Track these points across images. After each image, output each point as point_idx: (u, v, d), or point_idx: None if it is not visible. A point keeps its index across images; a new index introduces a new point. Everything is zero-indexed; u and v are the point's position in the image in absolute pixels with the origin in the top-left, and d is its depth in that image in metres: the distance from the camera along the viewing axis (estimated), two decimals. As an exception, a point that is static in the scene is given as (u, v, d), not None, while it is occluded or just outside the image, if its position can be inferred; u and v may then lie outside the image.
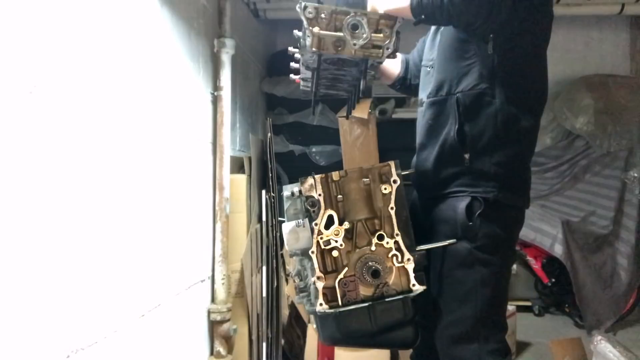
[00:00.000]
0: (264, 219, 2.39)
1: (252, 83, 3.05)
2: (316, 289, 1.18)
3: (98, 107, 1.35)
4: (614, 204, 3.21)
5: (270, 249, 2.37)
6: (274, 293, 2.35)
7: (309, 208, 1.19)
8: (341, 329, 1.23)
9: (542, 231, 3.15)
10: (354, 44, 1.16)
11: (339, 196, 1.21)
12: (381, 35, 1.18)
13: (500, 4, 1.14)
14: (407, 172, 1.25)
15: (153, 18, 1.68)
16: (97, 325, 1.34)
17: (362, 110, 2.94)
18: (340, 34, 1.16)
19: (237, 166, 2.46)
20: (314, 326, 2.04)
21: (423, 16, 1.18)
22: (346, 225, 1.20)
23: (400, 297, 1.20)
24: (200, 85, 2.13)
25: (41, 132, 1.12)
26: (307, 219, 1.20)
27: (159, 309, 1.71)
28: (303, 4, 1.17)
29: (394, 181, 1.22)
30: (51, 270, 1.15)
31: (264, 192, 2.41)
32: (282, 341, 2.48)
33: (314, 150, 3.09)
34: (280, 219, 2.40)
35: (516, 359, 2.79)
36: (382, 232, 1.21)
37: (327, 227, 1.19)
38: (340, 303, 1.18)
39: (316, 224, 1.18)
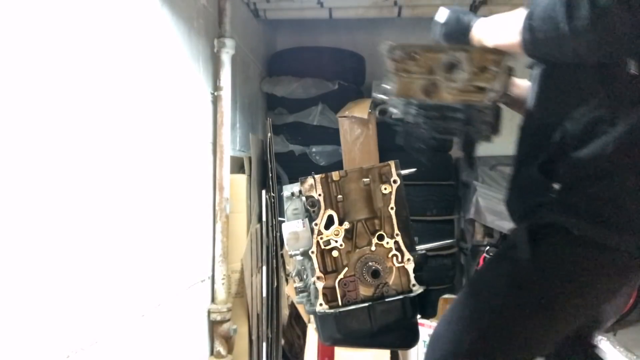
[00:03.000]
0: (264, 219, 2.40)
1: (252, 83, 3.05)
2: (316, 289, 1.18)
3: (98, 108, 1.35)
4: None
5: (270, 249, 2.37)
6: (274, 293, 2.36)
7: (309, 208, 1.19)
8: (341, 329, 1.22)
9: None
10: (450, 87, 0.97)
11: (339, 196, 1.21)
12: (486, 74, 0.96)
13: None
14: (407, 172, 1.25)
15: (153, 18, 1.68)
16: (98, 325, 1.34)
17: (362, 110, 2.94)
18: (433, 76, 0.97)
19: (237, 166, 2.46)
20: (314, 326, 2.03)
21: (537, 54, 0.96)
22: (346, 225, 1.20)
23: (400, 297, 1.20)
24: (200, 85, 2.13)
25: (41, 132, 1.12)
26: (307, 219, 1.20)
27: (159, 309, 1.71)
28: (390, 44, 1.02)
29: (394, 181, 1.22)
30: (52, 270, 1.15)
31: (264, 192, 2.41)
32: (282, 341, 2.48)
33: (314, 150, 3.09)
34: (280, 219, 2.40)
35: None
36: (382, 232, 1.21)
37: (327, 227, 1.19)
38: (340, 303, 1.18)
39: (316, 224, 1.18)
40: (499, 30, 1.01)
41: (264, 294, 2.32)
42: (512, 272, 1.10)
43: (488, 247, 2.62)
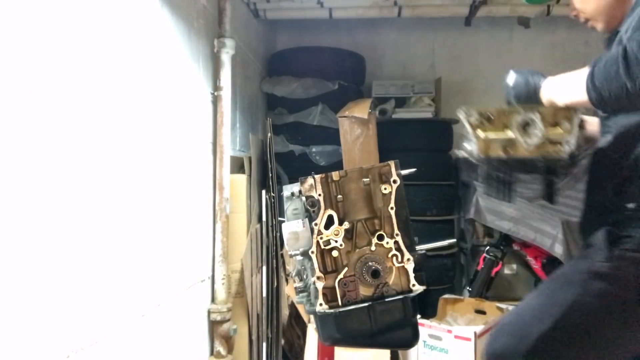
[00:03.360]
0: (264, 219, 2.40)
1: (252, 83, 3.05)
2: (316, 289, 1.18)
3: (98, 108, 1.35)
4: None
5: (270, 249, 2.37)
6: (274, 293, 2.36)
7: (309, 208, 1.19)
8: (341, 329, 1.22)
9: (542, 231, 3.14)
10: (527, 143, 1.05)
11: (339, 196, 1.21)
12: (559, 130, 1.05)
13: None
14: (407, 172, 1.25)
15: (153, 18, 1.68)
16: (97, 325, 1.34)
17: (362, 110, 2.94)
18: (510, 134, 1.05)
19: (237, 166, 2.46)
20: (314, 326, 2.03)
21: (609, 109, 1.05)
22: (346, 225, 1.20)
23: (400, 297, 1.20)
24: (200, 85, 2.13)
25: (42, 132, 1.12)
26: (307, 219, 1.20)
27: (159, 309, 1.71)
28: (466, 109, 1.11)
29: (394, 181, 1.22)
30: (52, 270, 1.15)
31: (264, 192, 2.41)
32: (282, 341, 2.48)
33: (314, 150, 3.09)
34: (280, 219, 2.40)
35: (516, 359, 2.79)
36: (382, 232, 1.21)
37: (327, 227, 1.19)
38: (340, 303, 1.18)
39: (316, 224, 1.18)
40: (568, 89, 1.09)
41: (264, 294, 2.32)
42: (590, 277, 1.12)
43: (488, 247, 2.65)
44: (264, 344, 2.30)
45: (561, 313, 1.10)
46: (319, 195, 1.19)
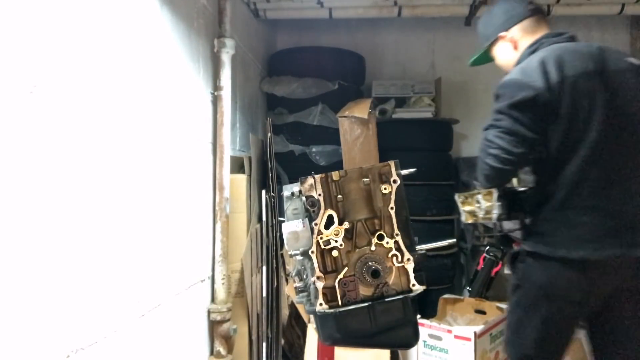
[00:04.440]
0: (264, 219, 2.40)
1: (252, 83, 3.05)
2: (316, 289, 1.18)
3: (98, 107, 1.35)
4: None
5: (270, 249, 2.37)
6: (274, 293, 2.36)
7: (309, 208, 1.19)
8: (341, 329, 1.22)
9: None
10: (477, 214, 1.61)
11: (339, 196, 1.21)
12: (490, 203, 1.57)
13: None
14: (407, 172, 1.25)
15: (153, 18, 1.68)
16: (97, 325, 1.34)
17: (362, 110, 2.94)
18: (474, 209, 1.64)
19: (237, 166, 2.46)
20: (314, 326, 2.03)
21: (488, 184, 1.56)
22: (346, 225, 1.20)
23: (400, 297, 1.20)
24: (201, 85, 2.13)
25: (42, 132, 1.12)
26: (307, 219, 1.20)
27: (159, 309, 1.71)
28: (458, 194, 1.66)
29: (394, 181, 1.22)
30: (51, 270, 1.15)
31: (264, 192, 2.41)
32: (282, 341, 2.48)
33: (314, 150, 3.09)
34: (280, 219, 2.40)
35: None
36: (382, 232, 1.21)
37: (327, 227, 1.19)
38: (340, 303, 1.18)
39: (316, 224, 1.18)
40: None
41: (264, 294, 2.32)
42: None
43: (488, 247, 2.75)
44: (264, 344, 2.30)
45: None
46: (319, 195, 1.19)
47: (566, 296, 1.47)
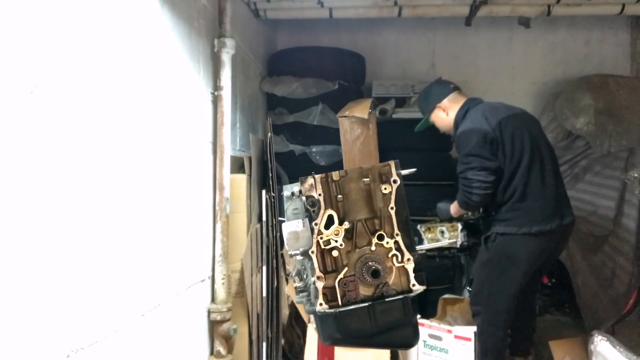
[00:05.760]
0: (264, 219, 2.39)
1: (252, 83, 3.05)
2: (316, 289, 1.18)
3: (98, 107, 1.35)
4: (614, 204, 3.20)
5: (270, 249, 2.37)
6: (274, 293, 2.35)
7: (309, 208, 1.19)
8: (341, 329, 1.22)
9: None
10: (444, 240, 2.35)
11: (339, 196, 1.21)
12: (454, 232, 2.32)
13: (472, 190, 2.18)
14: (407, 172, 1.25)
15: (153, 18, 1.68)
16: (97, 325, 1.34)
17: (362, 110, 2.94)
18: (437, 237, 2.38)
19: (237, 166, 2.46)
20: (314, 326, 2.03)
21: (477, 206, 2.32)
22: (346, 225, 1.20)
23: (400, 297, 1.20)
24: (201, 85, 2.13)
25: (42, 132, 1.12)
26: (307, 219, 1.20)
27: (159, 309, 1.71)
28: (421, 225, 2.42)
29: (394, 181, 1.22)
30: (51, 270, 1.15)
31: (264, 192, 2.41)
32: (282, 341, 2.48)
33: (314, 150, 3.09)
34: (280, 218, 2.40)
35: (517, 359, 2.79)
36: (382, 232, 1.21)
37: (327, 227, 1.19)
38: (340, 303, 1.18)
39: (316, 224, 1.18)
40: (453, 211, 2.38)
41: (264, 294, 2.32)
42: None
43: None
44: (264, 344, 2.30)
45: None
46: (319, 195, 1.19)
47: (527, 259, 2.16)
